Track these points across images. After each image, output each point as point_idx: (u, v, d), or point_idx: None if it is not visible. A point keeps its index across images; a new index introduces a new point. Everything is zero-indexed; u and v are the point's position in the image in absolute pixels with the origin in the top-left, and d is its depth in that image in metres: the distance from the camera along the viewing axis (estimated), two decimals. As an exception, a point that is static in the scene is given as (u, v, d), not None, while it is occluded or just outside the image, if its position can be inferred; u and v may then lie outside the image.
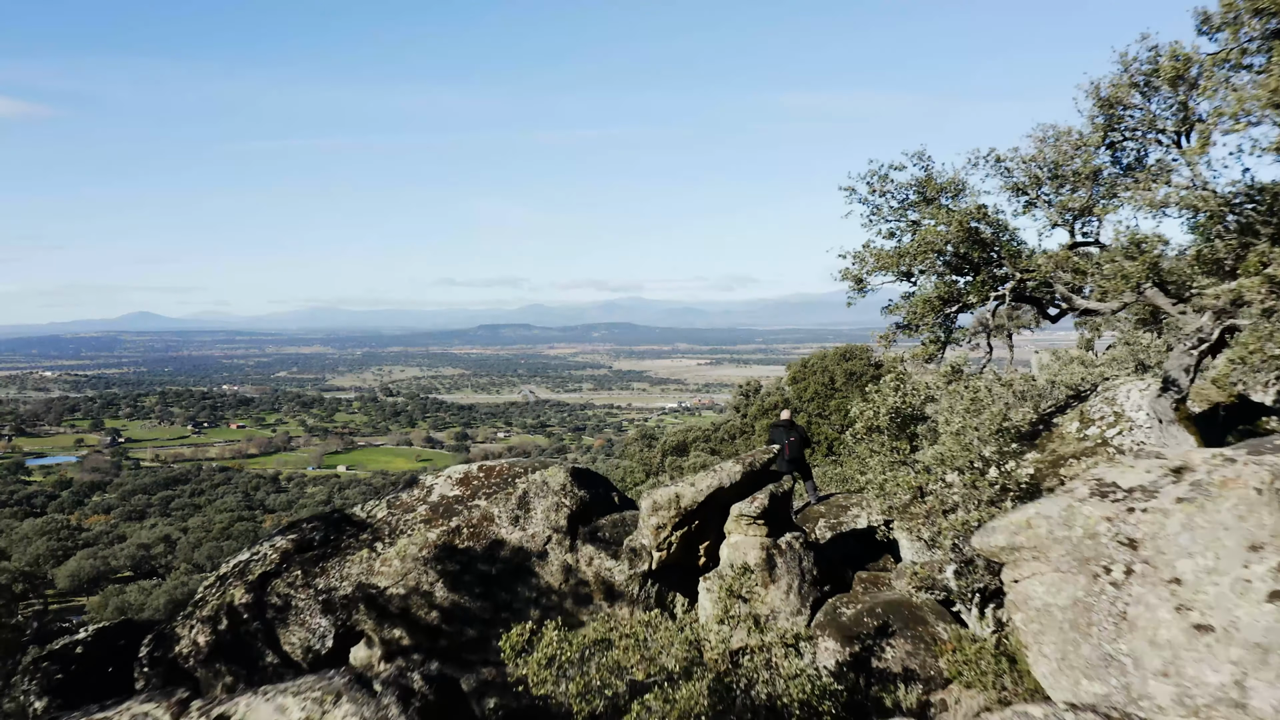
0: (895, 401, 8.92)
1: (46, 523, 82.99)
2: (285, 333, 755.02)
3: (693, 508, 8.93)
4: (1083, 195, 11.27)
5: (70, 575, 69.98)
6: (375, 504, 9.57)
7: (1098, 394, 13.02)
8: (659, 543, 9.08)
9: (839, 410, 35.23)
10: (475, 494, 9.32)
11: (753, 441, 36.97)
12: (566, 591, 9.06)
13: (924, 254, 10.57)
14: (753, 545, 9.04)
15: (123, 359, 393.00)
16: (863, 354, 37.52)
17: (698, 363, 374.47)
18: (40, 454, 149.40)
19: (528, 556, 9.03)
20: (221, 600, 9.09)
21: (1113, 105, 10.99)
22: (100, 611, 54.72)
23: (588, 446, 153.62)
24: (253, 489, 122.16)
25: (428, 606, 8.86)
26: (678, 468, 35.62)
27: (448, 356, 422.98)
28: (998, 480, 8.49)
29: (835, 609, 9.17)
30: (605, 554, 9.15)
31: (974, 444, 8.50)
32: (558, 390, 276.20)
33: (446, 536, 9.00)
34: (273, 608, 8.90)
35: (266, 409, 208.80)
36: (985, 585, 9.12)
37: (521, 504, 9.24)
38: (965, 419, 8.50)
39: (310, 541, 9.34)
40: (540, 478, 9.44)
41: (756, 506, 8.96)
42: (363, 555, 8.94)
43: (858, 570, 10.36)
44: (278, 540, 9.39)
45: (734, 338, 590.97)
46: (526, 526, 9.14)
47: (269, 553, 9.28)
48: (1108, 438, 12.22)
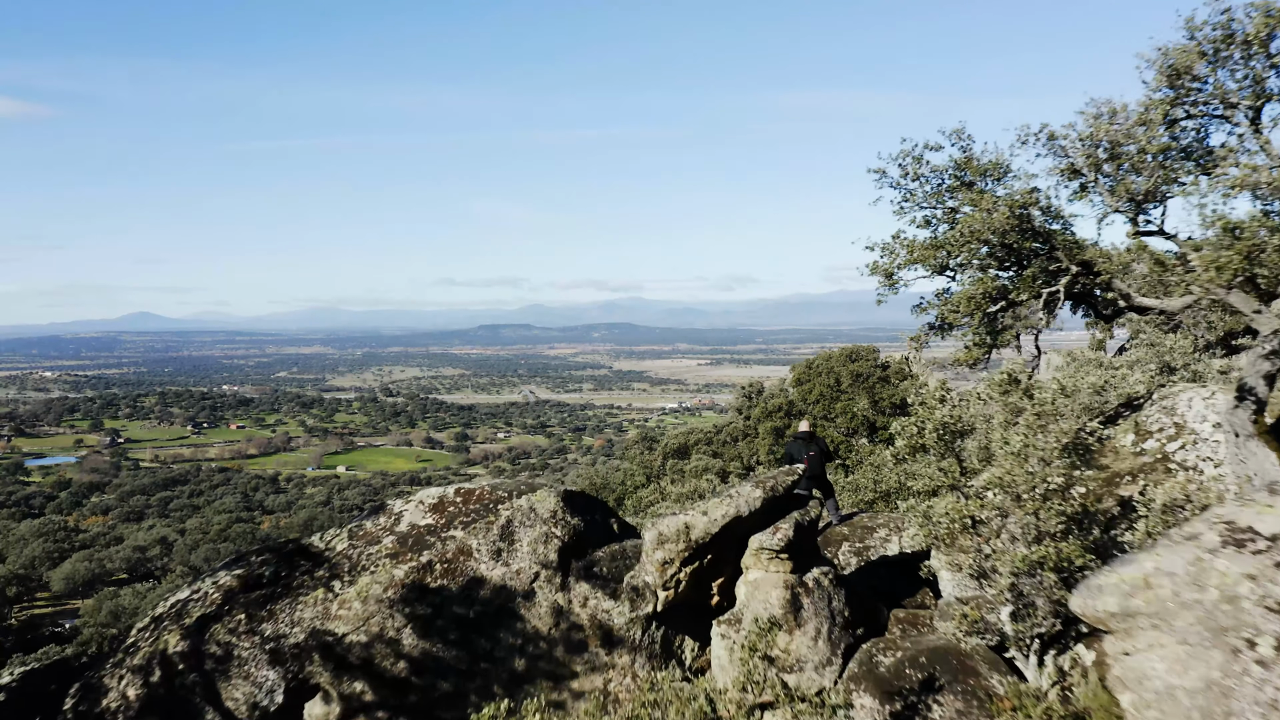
0: (943, 415, 7.59)
1: (43, 524, 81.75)
2: (285, 333, 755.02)
3: (705, 540, 7.60)
4: (1144, 179, 9.96)
5: (65, 578, 68.74)
6: (335, 533, 8.24)
7: (1153, 403, 11.71)
8: (665, 580, 7.76)
9: (844, 413, 34.02)
10: (451, 523, 7.99)
11: (756, 445, 35.69)
12: (557, 637, 7.74)
13: (967, 244, 9.23)
14: (775, 583, 7.72)
15: (123, 359, 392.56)
16: (869, 355, 36.33)
17: (698, 363, 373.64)
18: (39, 454, 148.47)
19: (511, 597, 7.71)
20: (154, 647, 7.78)
21: (1180, 75, 9.67)
22: (94, 615, 53.49)
23: (588, 447, 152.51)
24: (252, 490, 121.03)
25: (394, 656, 7.54)
26: (679, 470, 34.39)
27: (448, 357, 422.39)
28: (1067, 510, 7.18)
29: (871, 657, 7.85)
30: (602, 593, 7.83)
31: (1038, 466, 7.20)
32: (558, 390, 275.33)
33: (416, 574, 7.67)
34: (212, 658, 7.58)
35: (266, 409, 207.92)
36: (1047, 630, 7.82)
37: (504, 535, 7.91)
38: (1028, 437, 7.19)
39: (259, 578, 8.01)
40: (526, 503, 8.10)
41: (780, 538, 7.64)
42: (318, 596, 7.62)
43: (893, 607, 9.03)
44: (221, 577, 8.07)
45: (734, 338, 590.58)
46: (510, 561, 7.81)
47: (210, 592, 7.96)
48: (1168, 453, 10.88)
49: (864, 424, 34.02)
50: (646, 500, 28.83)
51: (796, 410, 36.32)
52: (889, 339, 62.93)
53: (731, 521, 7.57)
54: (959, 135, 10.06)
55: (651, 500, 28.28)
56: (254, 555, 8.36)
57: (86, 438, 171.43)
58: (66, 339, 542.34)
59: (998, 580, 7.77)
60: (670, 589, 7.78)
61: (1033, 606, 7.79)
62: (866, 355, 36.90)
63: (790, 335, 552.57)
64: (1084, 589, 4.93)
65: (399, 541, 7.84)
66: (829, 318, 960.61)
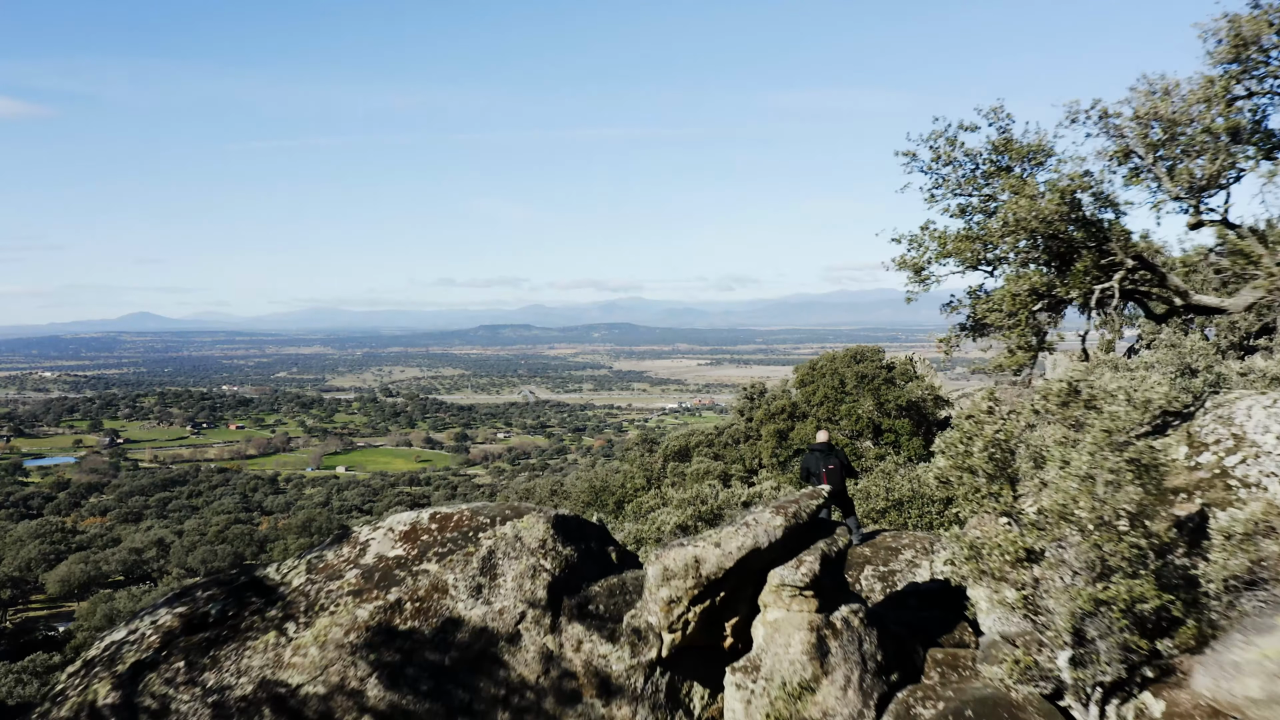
0: (994, 431, 6.54)
1: (41, 525, 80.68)
2: (285, 333, 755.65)
3: (717, 576, 6.55)
4: (1205, 161, 8.93)
5: (61, 580, 67.66)
6: (293, 565, 7.19)
7: (1206, 411, 10.67)
8: (671, 621, 6.71)
9: (849, 415, 33.10)
10: (424, 554, 6.94)
11: (759, 448, 34.68)
12: (546, 687, 6.69)
13: (1011, 235, 8.17)
14: (798, 624, 6.67)
15: (122, 359, 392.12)
16: (874, 356, 35.40)
17: (698, 363, 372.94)
18: (38, 455, 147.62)
19: (494, 640, 6.67)
20: (83, 698, 6.74)
21: (1248, 46, 8.65)
22: (89, 618, 52.45)
23: (588, 447, 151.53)
24: (251, 490, 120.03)
25: (358, 710, 6.50)
26: (680, 473, 33.41)
27: (448, 357, 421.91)
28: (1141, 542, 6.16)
29: (909, 709, 6.81)
30: (599, 635, 6.78)
31: (1107, 491, 6.17)
32: (558, 391, 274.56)
33: (383, 614, 6.62)
34: (147, 712, 6.54)
35: (266, 410, 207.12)
36: (1111, 677, 6.79)
37: (486, 568, 6.86)
38: (1096, 458, 6.16)
39: (204, 617, 6.97)
40: (511, 531, 7.05)
41: (804, 573, 6.59)
42: (269, 641, 6.57)
43: (928, 645, 7.98)
44: (161, 615, 7.03)
45: (734, 338, 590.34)
46: (492, 599, 6.76)
47: (147, 633, 6.92)
48: (1227, 467, 9.79)
49: (869, 426, 33.10)
50: (647, 505, 27.87)
51: (800, 412, 35.35)
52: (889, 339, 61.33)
53: (748, 555, 6.53)
54: (997, 114, 9.01)
55: (653, 506, 27.32)
56: (200, 589, 7.32)
57: (85, 438, 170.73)
58: (66, 339, 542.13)
59: (1055, 620, 6.74)
60: (677, 631, 6.73)
61: (1095, 651, 6.76)
62: (871, 356, 35.89)
63: (790, 335, 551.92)
64: (1213, 666, 3.90)
65: (364, 576, 6.80)
66: (829, 318, 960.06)
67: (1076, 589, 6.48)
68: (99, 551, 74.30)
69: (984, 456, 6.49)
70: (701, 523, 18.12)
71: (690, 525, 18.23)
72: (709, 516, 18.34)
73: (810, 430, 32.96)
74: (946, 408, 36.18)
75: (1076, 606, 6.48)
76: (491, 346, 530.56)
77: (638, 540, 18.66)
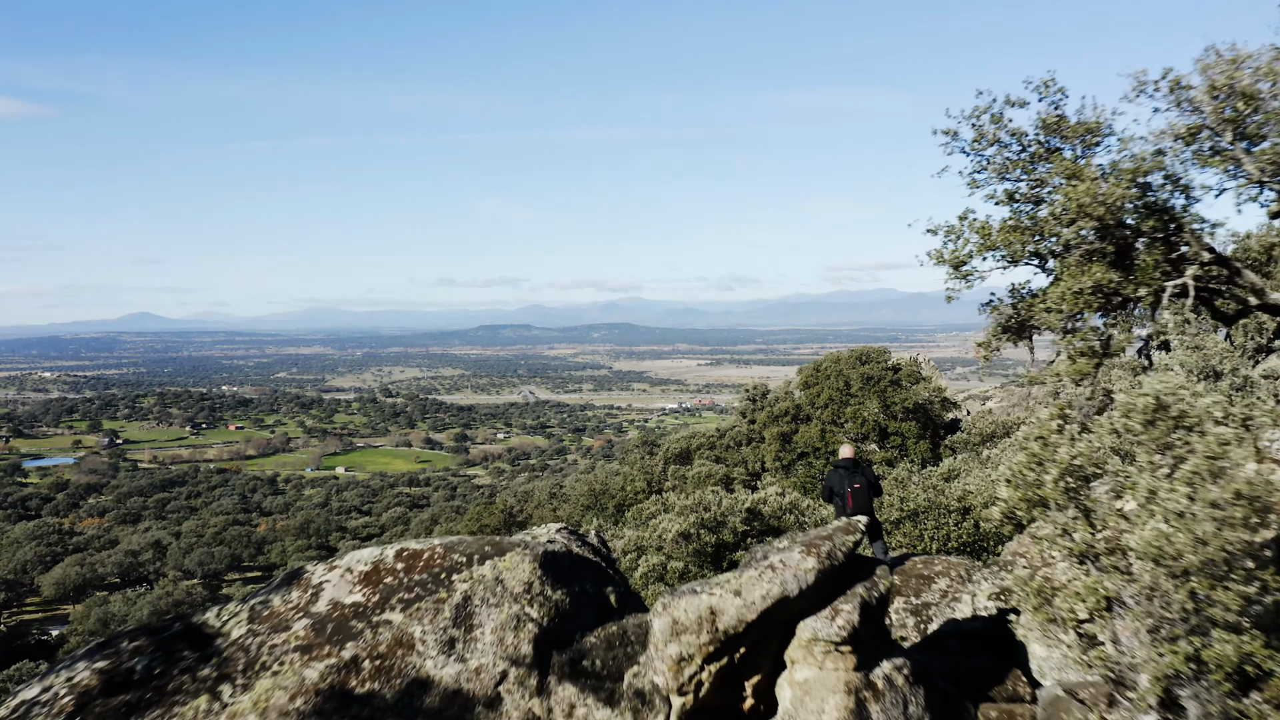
0: (1070, 456, 5.45)
1: (38, 526, 79.50)
2: (285, 333, 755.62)
3: (738, 630, 5.45)
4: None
5: (56, 583, 66.49)
6: (234, 611, 6.09)
7: (1276, 423, 9.57)
8: (682, 683, 5.61)
9: (854, 417, 32.10)
10: (387, 600, 5.83)
11: (761, 451, 33.62)
12: (532, 761, 5.58)
13: (1071, 223, 7.07)
14: (833, 686, 5.57)
15: (122, 360, 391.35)
16: (879, 357, 34.42)
17: (698, 363, 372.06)
18: (37, 455, 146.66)
19: (470, 706, 5.56)
20: (-19, 773, 5.64)
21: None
22: (83, 622, 51.30)
23: (587, 448, 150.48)
24: (250, 491, 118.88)
25: (305, 790, 5.40)
26: (681, 476, 32.39)
27: (447, 357, 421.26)
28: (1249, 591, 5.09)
29: (964, 786, 5.75)
30: (595, 698, 5.68)
31: (1211, 530, 5.10)
32: (558, 391, 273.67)
33: (337, 675, 5.52)
34: (53, 793, 5.44)
35: (265, 410, 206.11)
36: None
37: (460, 618, 5.76)
38: (1197, 489, 5.08)
39: (128, 675, 5.87)
40: (491, 572, 5.94)
41: (840, 626, 5.49)
42: (199, 707, 5.47)
43: (979, 699, 6.89)
44: (79, 671, 5.92)
45: (734, 338, 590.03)
46: (468, 656, 5.65)
47: (61, 693, 5.81)
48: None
49: (875, 429, 32.08)
50: (648, 512, 26.87)
51: (804, 415, 34.33)
52: (889, 339, 60.13)
53: (775, 605, 5.43)
54: (1048, 87, 7.91)
55: (654, 512, 26.33)
56: (126, 638, 6.21)
57: (85, 438, 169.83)
58: (66, 339, 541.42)
59: (1139, 680, 5.66)
60: (688, 694, 5.63)
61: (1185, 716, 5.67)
62: (877, 357, 34.86)
63: (790, 335, 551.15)
64: None
65: (314, 628, 5.70)
66: (829, 318, 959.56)
67: (1168, 645, 5.40)
68: (95, 553, 73.21)
69: (1058, 488, 5.40)
70: (704, 530, 17.04)
71: (692, 533, 17.14)
72: (712, 524, 17.25)
73: (814, 433, 31.87)
74: (954, 410, 35.07)
75: (1168, 665, 5.40)
76: (491, 347, 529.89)
77: (639, 548, 17.55)
